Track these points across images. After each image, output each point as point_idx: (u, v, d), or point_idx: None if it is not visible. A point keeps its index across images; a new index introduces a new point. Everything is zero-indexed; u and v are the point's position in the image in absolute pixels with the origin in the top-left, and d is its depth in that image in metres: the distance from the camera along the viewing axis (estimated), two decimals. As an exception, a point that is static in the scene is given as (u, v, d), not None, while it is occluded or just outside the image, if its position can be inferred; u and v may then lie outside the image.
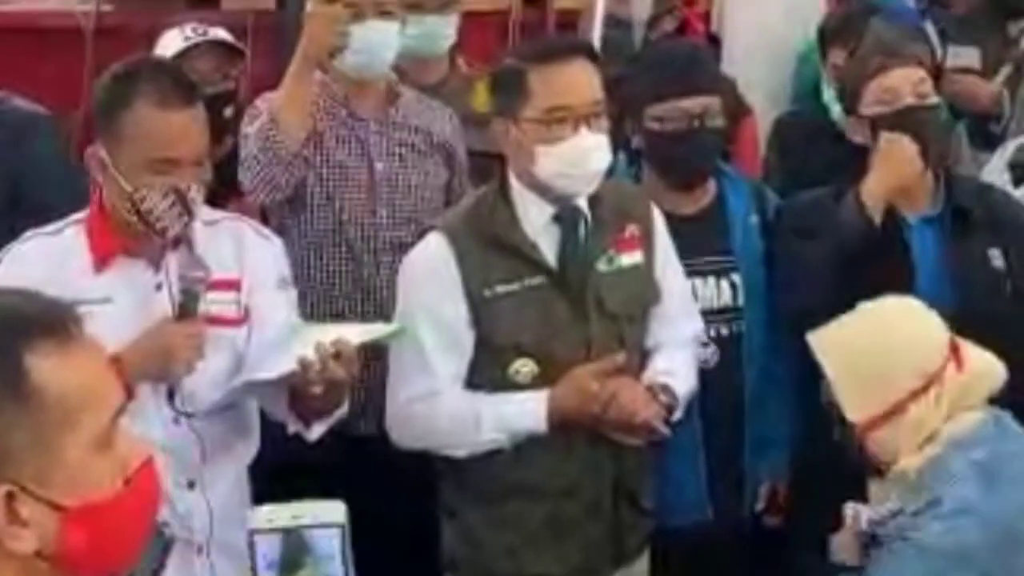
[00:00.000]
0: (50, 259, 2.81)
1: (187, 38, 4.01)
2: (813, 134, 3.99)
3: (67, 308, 1.56)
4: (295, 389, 2.83)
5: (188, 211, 2.80)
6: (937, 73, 3.57)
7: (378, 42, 3.59)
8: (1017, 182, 3.75)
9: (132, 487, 1.57)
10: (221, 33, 4.14)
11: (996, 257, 3.43)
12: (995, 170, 3.86)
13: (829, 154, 3.78)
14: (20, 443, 1.47)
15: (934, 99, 3.44)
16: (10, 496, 1.47)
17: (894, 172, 3.37)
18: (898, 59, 3.43)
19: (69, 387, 1.50)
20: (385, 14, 3.59)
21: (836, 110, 3.83)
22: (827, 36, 4.15)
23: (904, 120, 3.38)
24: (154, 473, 1.62)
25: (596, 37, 4.35)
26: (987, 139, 4.38)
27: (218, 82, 3.98)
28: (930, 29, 4.39)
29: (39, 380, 1.48)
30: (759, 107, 4.58)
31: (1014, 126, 4.05)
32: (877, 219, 3.33)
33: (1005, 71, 4.43)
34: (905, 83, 3.40)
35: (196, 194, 2.80)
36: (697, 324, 3.38)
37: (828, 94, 3.98)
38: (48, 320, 1.53)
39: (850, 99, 3.53)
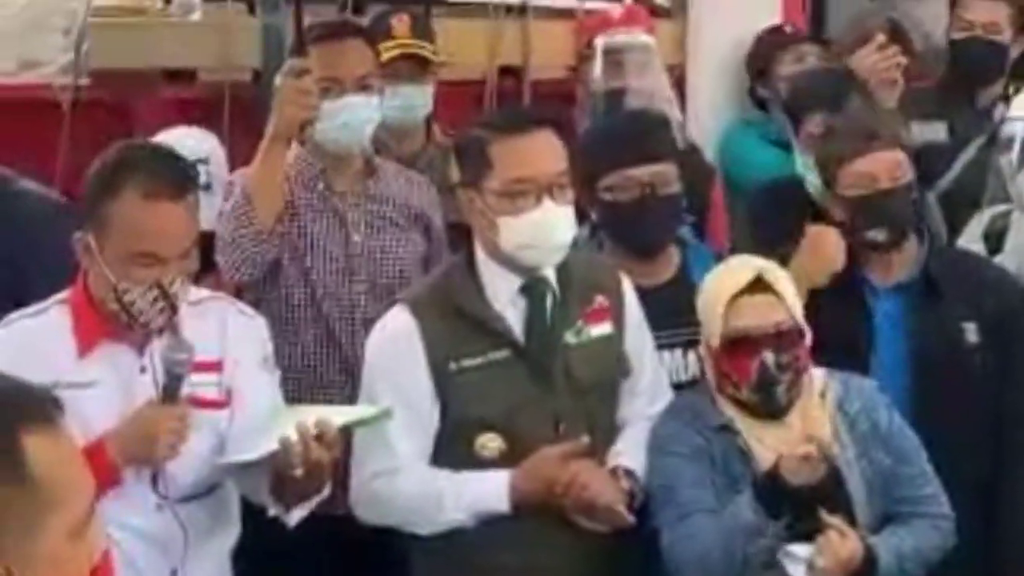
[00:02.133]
0: (34, 342, 2.77)
1: None
2: (787, 205, 3.97)
3: (50, 393, 1.56)
4: (276, 472, 2.79)
5: (171, 306, 2.77)
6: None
7: (357, 117, 3.59)
8: (992, 252, 3.73)
9: None
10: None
11: (971, 331, 3.40)
12: (973, 238, 3.84)
13: (802, 225, 3.76)
14: (12, 525, 1.46)
15: (908, 177, 3.45)
16: None
17: (817, 265, 3.41)
18: (877, 142, 3.44)
19: (58, 471, 1.49)
20: (364, 88, 3.60)
21: (812, 182, 3.82)
22: (799, 102, 4.12)
23: (879, 205, 3.41)
24: (111, 566, 1.61)
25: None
26: None
27: None
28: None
29: (34, 462, 1.46)
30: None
31: (989, 195, 4.02)
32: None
33: (977, 142, 4.43)
34: (882, 167, 3.41)
35: (180, 288, 2.77)
36: (668, 399, 3.32)
37: (802, 163, 3.96)
38: (38, 404, 1.52)
39: (825, 179, 3.54)
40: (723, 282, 3.15)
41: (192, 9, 4.56)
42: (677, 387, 3.40)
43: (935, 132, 4.41)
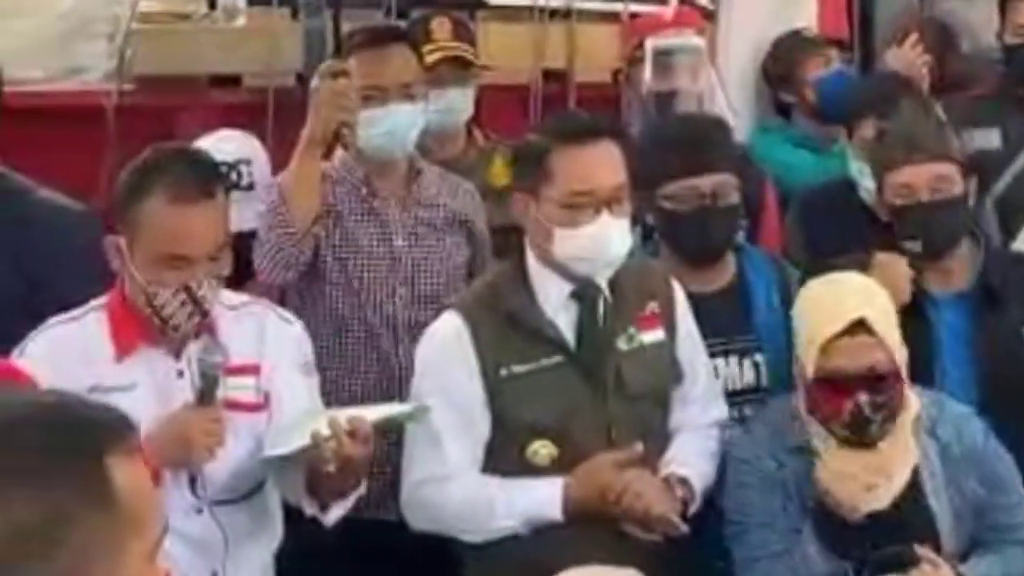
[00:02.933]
0: (72, 347, 2.78)
1: None
2: (839, 209, 3.93)
3: (127, 417, 1.54)
4: (312, 470, 2.79)
5: (199, 309, 2.77)
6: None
7: (401, 125, 3.57)
8: None
9: None
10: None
11: None
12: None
13: (854, 228, 3.73)
14: (98, 550, 1.44)
15: (954, 191, 3.41)
16: None
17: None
18: (918, 154, 3.41)
19: (139, 495, 1.47)
20: (409, 96, 3.58)
21: (865, 187, 3.79)
22: (855, 108, 4.10)
23: (918, 216, 3.39)
24: None
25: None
26: None
27: None
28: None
29: (119, 487, 1.45)
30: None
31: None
32: None
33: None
34: (922, 180, 3.39)
35: (208, 291, 2.77)
36: (722, 408, 3.31)
37: (856, 168, 3.93)
38: (119, 427, 1.51)
39: (877, 184, 3.53)
40: (823, 316, 3.07)
41: (236, 14, 4.55)
42: (731, 395, 3.37)
43: (989, 139, 4.36)
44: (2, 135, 3.42)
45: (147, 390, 2.78)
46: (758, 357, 3.44)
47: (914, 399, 3.12)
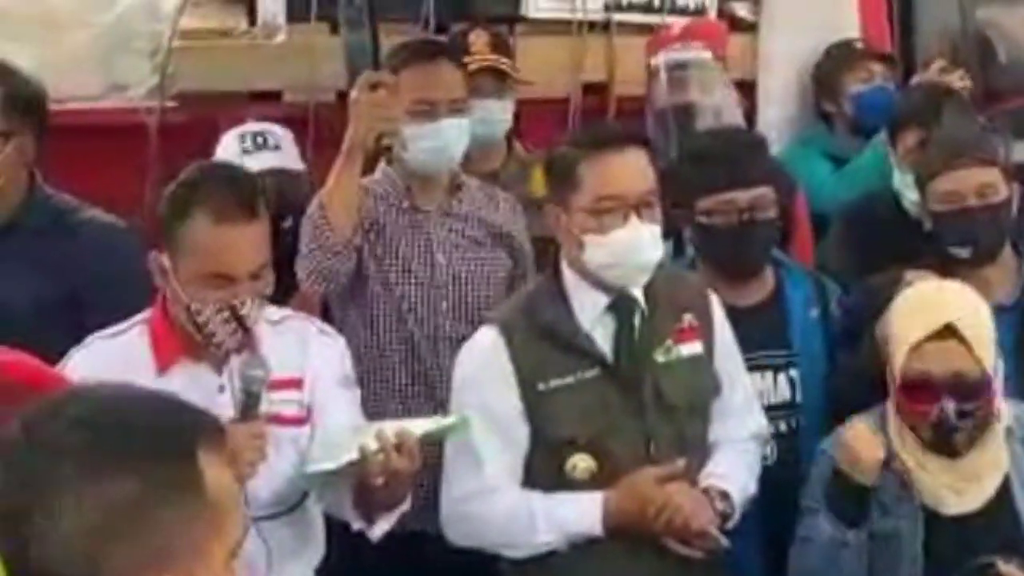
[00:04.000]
0: (114, 362, 2.78)
1: (245, 150, 4.00)
2: (883, 220, 3.91)
3: (218, 419, 1.57)
4: (358, 484, 2.79)
5: (242, 327, 2.78)
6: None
7: (451, 140, 3.59)
8: None
9: None
10: (278, 138, 4.10)
11: None
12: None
13: (899, 240, 3.71)
14: (183, 543, 1.46)
15: (1000, 196, 3.40)
16: None
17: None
18: (965, 159, 3.39)
19: (226, 495, 1.51)
20: (457, 111, 3.59)
21: (909, 198, 3.77)
22: (899, 117, 4.09)
23: (965, 222, 3.38)
24: None
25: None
26: None
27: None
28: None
29: (208, 485, 1.48)
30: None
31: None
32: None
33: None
34: (970, 185, 3.38)
35: (252, 309, 2.78)
36: (760, 421, 3.29)
37: (899, 179, 3.91)
38: (211, 426, 1.53)
39: (920, 191, 3.51)
40: (915, 320, 3.05)
41: (276, 30, 4.57)
42: (766, 410, 3.35)
43: None
44: (46, 152, 3.48)
45: None
46: (793, 373, 3.43)
47: (1007, 408, 3.08)
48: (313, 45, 4.45)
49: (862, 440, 3.04)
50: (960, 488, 3.00)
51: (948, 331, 2.98)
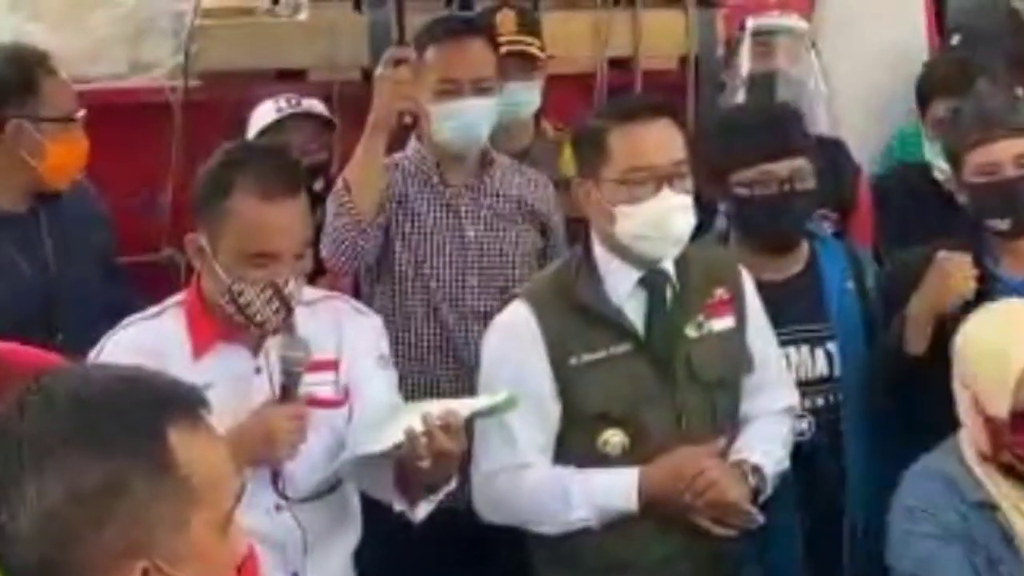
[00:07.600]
0: (149, 346, 2.75)
1: (280, 109, 4.03)
2: (915, 192, 3.88)
3: (197, 391, 1.58)
4: (402, 465, 2.76)
5: (286, 306, 2.75)
6: None
7: (476, 119, 3.57)
8: None
9: None
10: (315, 104, 4.15)
11: None
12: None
13: (933, 213, 3.67)
14: (159, 519, 1.47)
15: None
16: (145, 573, 1.47)
17: (944, 294, 3.23)
18: (1001, 130, 3.33)
19: (203, 466, 1.50)
20: (483, 91, 3.57)
21: (940, 167, 3.72)
22: (927, 88, 4.04)
23: (1003, 193, 3.31)
24: (257, 566, 1.59)
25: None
26: None
27: (312, 153, 4.02)
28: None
29: (180, 456, 1.48)
30: (864, 163, 4.46)
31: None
32: (921, 346, 3.20)
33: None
34: (1007, 155, 3.31)
35: (294, 288, 2.75)
36: (792, 395, 3.26)
37: (930, 150, 3.87)
38: (185, 400, 1.54)
39: (952, 164, 3.45)
40: (1015, 345, 2.85)
41: (300, 8, 4.55)
42: (803, 385, 3.32)
43: None
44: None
45: (225, 388, 2.72)
46: (830, 346, 3.39)
47: None
48: (336, 23, 4.42)
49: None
50: None
51: None
